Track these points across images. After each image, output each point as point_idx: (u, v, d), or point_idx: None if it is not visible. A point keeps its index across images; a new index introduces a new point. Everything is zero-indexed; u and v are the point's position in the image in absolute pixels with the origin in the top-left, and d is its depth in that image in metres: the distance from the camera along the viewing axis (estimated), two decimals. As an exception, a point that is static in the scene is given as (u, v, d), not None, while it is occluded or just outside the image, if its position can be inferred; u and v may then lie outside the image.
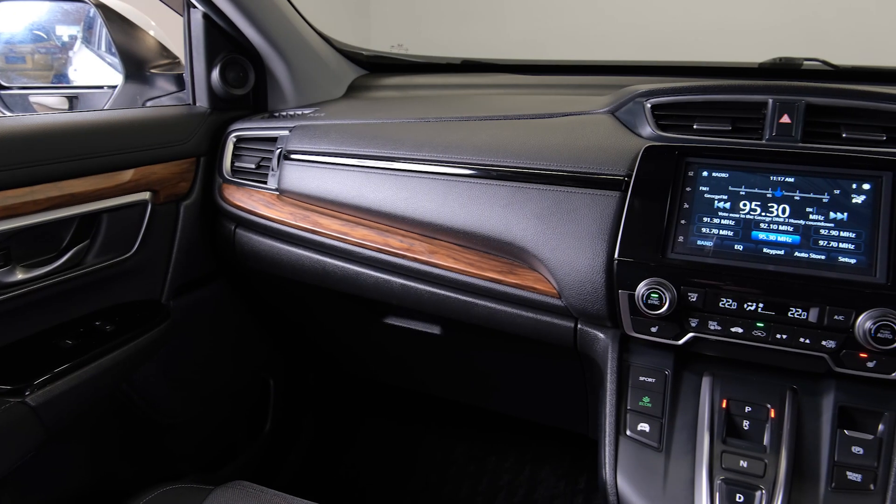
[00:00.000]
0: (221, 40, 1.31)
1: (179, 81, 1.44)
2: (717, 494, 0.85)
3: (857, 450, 0.87)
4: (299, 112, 1.33)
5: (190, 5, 1.27)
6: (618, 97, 1.11)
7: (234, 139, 1.30)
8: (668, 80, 1.14)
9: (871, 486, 0.85)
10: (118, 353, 1.13)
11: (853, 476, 0.85)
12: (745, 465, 0.87)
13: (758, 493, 0.84)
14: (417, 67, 1.64)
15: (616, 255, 0.91)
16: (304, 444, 1.84)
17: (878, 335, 0.81)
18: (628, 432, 0.93)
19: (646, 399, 0.94)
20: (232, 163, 1.30)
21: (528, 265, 1.03)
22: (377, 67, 1.63)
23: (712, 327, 0.89)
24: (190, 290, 1.34)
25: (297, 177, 1.20)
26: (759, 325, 0.87)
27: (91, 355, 1.08)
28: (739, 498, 0.84)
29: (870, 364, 0.85)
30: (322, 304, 1.45)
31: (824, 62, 1.37)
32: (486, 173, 1.04)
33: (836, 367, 0.86)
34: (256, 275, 1.36)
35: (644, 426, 0.92)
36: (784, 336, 0.87)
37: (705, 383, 0.93)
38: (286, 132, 1.25)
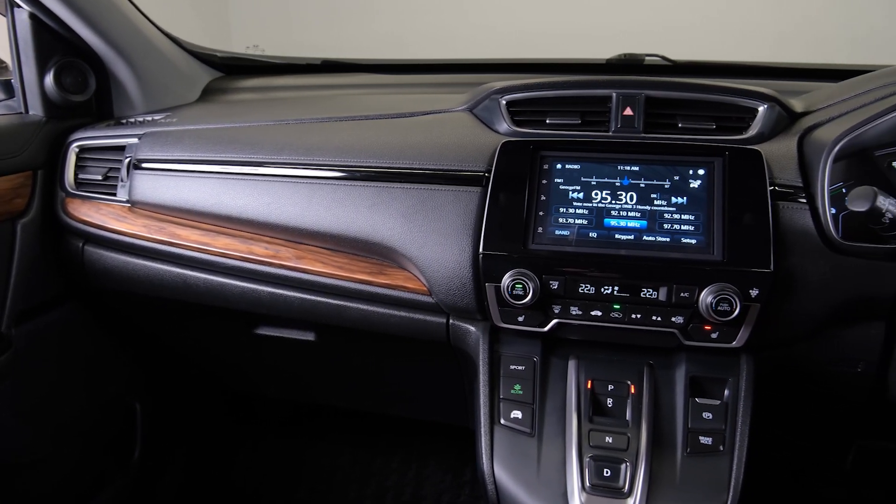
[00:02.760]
0: (54, 43, 1.21)
1: (8, 88, 1.31)
2: (587, 472, 0.90)
3: (706, 415, 0.94)
4: (149, 118, 1.25)
5: (13, 5, 1.16)
6: (475, 95, 1.14)
7: (77, 149, 1.21)
8: (523, 76, 1.17)
9: (721, 448, 0.92)
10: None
11: (705, 440, 0.93)
12: (610, 440, 0.92)
13: (622, 466, 0.90)
14: (276, 69, 1.59)
15: (481, 250, 0.94)
16: (178, 467, 1.75)
17: (719, 308, 0.88)
18: (502, 420, 0.96)
19: (517, 387, 0.97)
20: (75, 175, 1.20)
21: (397, 265, 1.03)
22: (233, 69, 1.57)
23: (574, 312, 0.94)
24: (34, 315, 1.23)
25: (150, 187, 1.13)
26: (615, 307, 0.93)
27: None
28: (607, 472, 0.89)
29: (713, 335, 0.92)
30: (187, 318, 1.38)
31: (663, 57, 1.47)
32: (349, 175, 1.03)
33: (686, 341, 0.93)
34: (111, 293, 1.27)
35: (517, 413, 0.96)
36: (638, 315, 0.93)
37: (571, 366, 0.98)
38: (135, 140, 1.17)
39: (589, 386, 0.96)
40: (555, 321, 0.95)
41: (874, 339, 0.99)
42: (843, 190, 0.92)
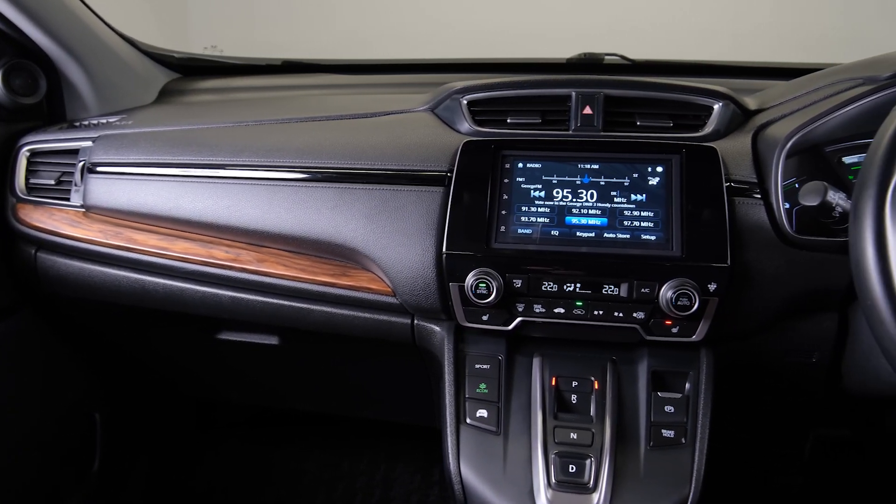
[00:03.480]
0: (1, 43, 1.17)
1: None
2: (552, 468, 0.91)
3: (668, 409, 0.96)
4: (103, 121, 1.22)
5: (-43, 4, 1.12)
6: (436, 95, 1.14)
7: (28, 153, 1.17)
8: (484, 76, 1.18)
9: (683, 440, 0.94)
10: None
11: (667, 433, 0.94)
12: (575, 436, 0.93)
13: (587, 462, 0.91)
14: (235, 69, 1.57)
15: (444, 249, 0.94)
16: (141, 477, 1.71)
17: (679, 303, 0.89)
18: (468, 420, 0.96)
19: (483, 386, 0.98)
20: (26, 180, 1.17)
21: (360, 266, 1.03)
22: (190, 70, 1.54)
23: (537, 310, 0.94)
24: (-16, 326, 1.18)
25: (105, 191, 1.10)
26: (578, 303, 0.94)
27: None
28: (572, 469, 0.90)
29: (674, 330, 0.94)
30: (146, 325, 1.35)
31: (622, 57, 1.50)
32: (311, 176, 1.03)
33: (647, 336, 0.95)
34: (66, 301, 1.24)
35: (483, 412, 0.96)
36: (601, 312, 0.94)
37: (536, 364, 0.99)
38: (89, 143, 1.14)
39: (553, 383, 0.97)
40: (519, 319, 0.95)
41: (828, 331, 1.01)
42: (797, 185, 0.95)
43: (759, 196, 0.96)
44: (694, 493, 0.92)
